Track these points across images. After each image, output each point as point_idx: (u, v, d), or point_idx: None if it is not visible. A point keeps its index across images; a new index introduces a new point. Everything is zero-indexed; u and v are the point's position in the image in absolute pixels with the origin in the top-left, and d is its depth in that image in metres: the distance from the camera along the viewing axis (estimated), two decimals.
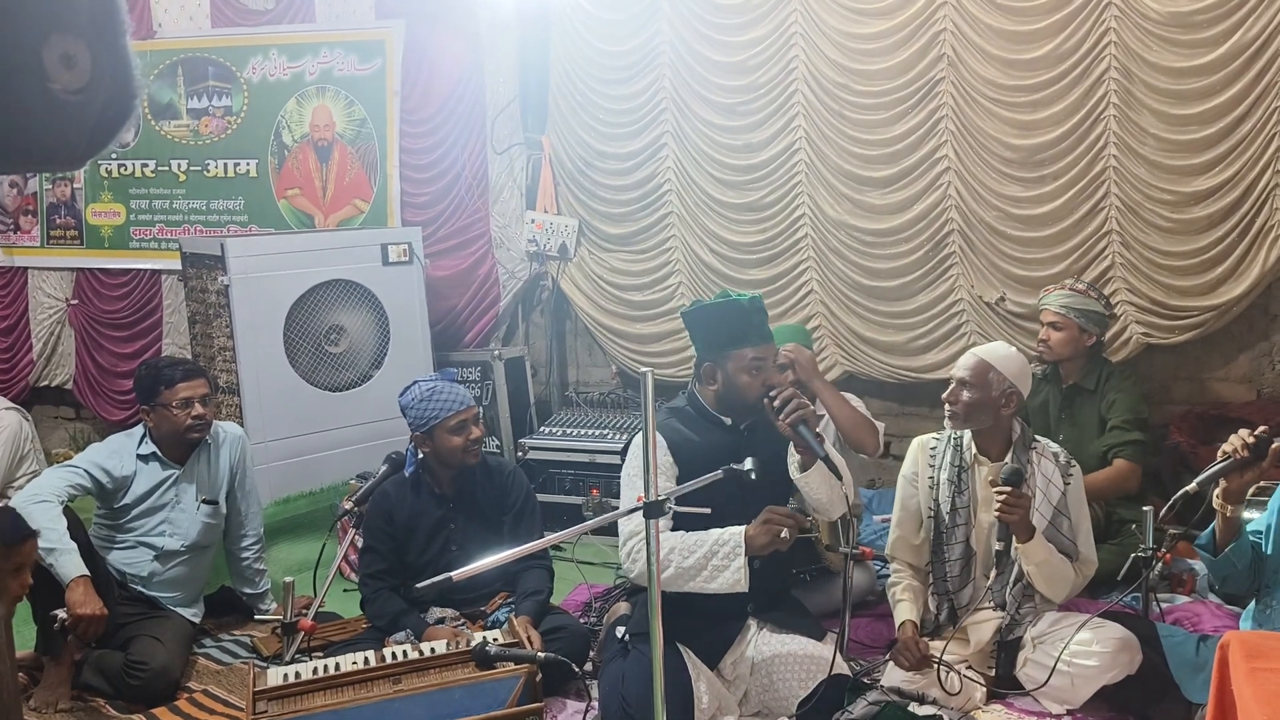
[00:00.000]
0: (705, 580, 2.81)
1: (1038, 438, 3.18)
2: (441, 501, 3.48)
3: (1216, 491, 2.69)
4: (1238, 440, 2.64)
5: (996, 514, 2.92)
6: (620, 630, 3.02)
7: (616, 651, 2.98)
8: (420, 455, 3.47)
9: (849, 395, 3.97)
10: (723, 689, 2.94)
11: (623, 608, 3.27)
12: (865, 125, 4.66)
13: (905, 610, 3.15)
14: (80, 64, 0.88)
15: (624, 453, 3.15)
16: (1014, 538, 2.96)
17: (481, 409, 5.02)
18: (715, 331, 2.96)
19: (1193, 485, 2.64)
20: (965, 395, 3.08)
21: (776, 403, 2.82)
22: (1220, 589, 3.15)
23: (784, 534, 2.78)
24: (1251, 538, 2.74)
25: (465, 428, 3.41)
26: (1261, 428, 2.65)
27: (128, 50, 0.93)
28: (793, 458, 2.92)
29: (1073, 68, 4.26)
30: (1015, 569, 3.04)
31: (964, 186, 4.53)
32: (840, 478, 2.85)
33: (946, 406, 3.12)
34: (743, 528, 2.80)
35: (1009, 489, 2.89)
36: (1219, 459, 2.67)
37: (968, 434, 3.16)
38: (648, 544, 2.14)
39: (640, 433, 2.93)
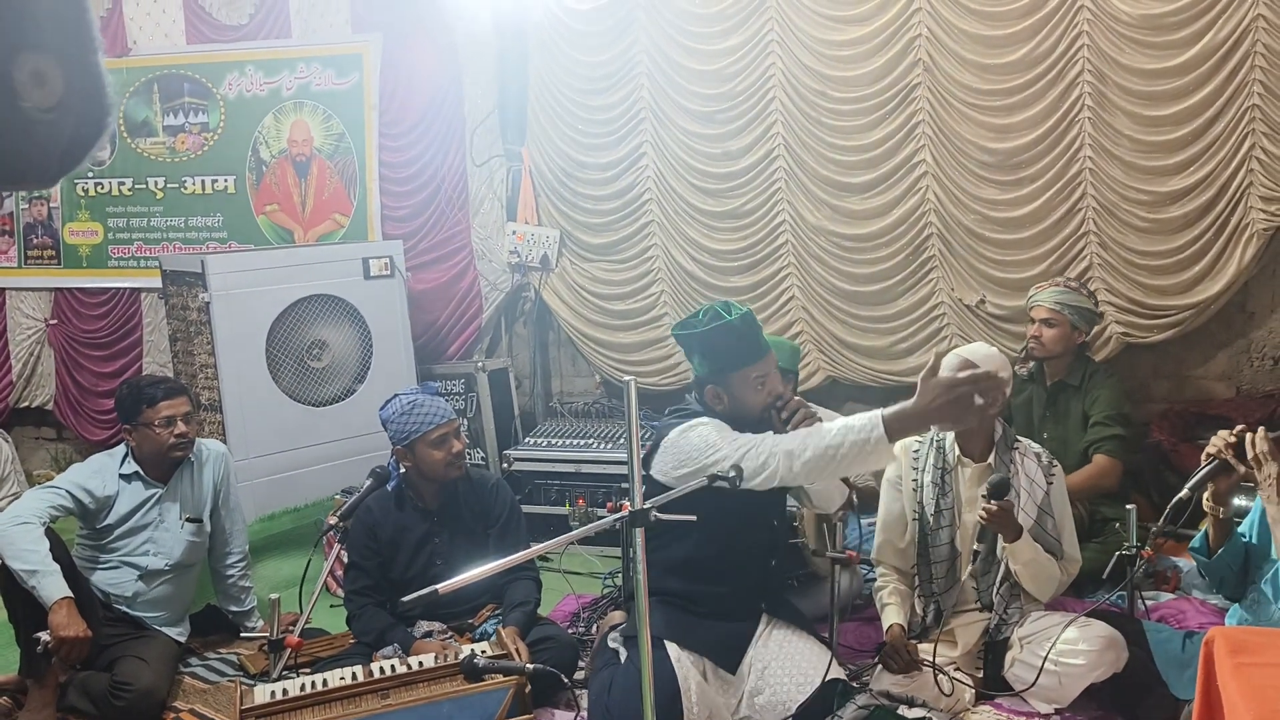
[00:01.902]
0: (849, 457, 2.45)
1: (1019, 438, 3.20)
2: (426, 515, 3.47)
3: (1206, 495, 2.69)
4: (1220, 442, 2.64)
5: (981, 521, 2.93)
6: (613, 640, 3.01)
7: (608, 660, 2.97)
8: (403, 470, 3.46)
9: (828, 412, 3.97)
10: (714, 695, 2.93)
11: (617, 616, 3.26)
12: (843, 131, 4.68)
13: (892, 614, 3.16)
14: (51, 82, 0.88)
15: (656, 445, 2.95)
16: (1000, 537, 2.98)
17: (466, 421, 5.03)
18: (713, 356, 2.88)
19: (1184, 492, 2.65)
20: None
21: (784, 414, 2.83)
22: (1217, 591, 3.16)
23: (978, 400, 2.30)
24: (1242, 538, 2.75)
25: (446, 441, 3.40)
26: (1240, 426, 2.66)
27: (100, 67, 0.93)
28: None
29: (1047, 71, 4.30)
30: (1001, 569, 3.06)
31: (942, 190, 4.55)
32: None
33: None
34: (879, 411, 2.44)
35: (993, 501, 2.90)
36: (1204, 463, 2.67)
37: (949, 435, 3.17)
38: (637, 550, 2.13)
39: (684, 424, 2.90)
